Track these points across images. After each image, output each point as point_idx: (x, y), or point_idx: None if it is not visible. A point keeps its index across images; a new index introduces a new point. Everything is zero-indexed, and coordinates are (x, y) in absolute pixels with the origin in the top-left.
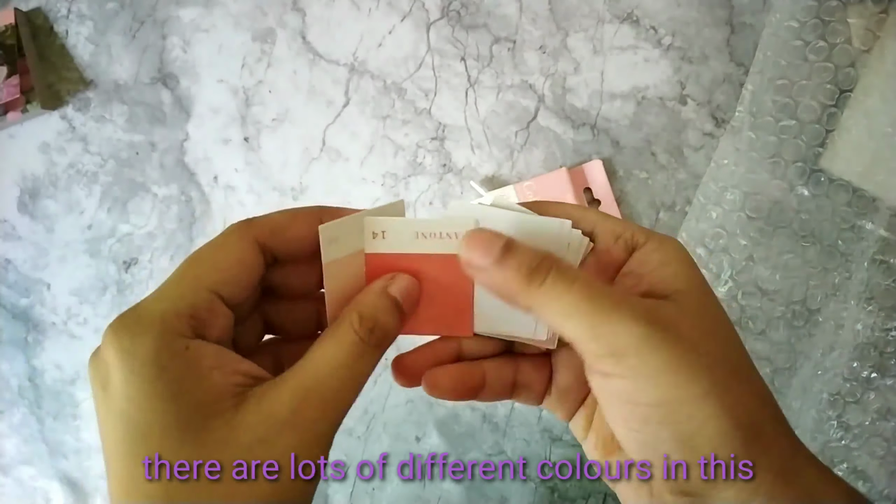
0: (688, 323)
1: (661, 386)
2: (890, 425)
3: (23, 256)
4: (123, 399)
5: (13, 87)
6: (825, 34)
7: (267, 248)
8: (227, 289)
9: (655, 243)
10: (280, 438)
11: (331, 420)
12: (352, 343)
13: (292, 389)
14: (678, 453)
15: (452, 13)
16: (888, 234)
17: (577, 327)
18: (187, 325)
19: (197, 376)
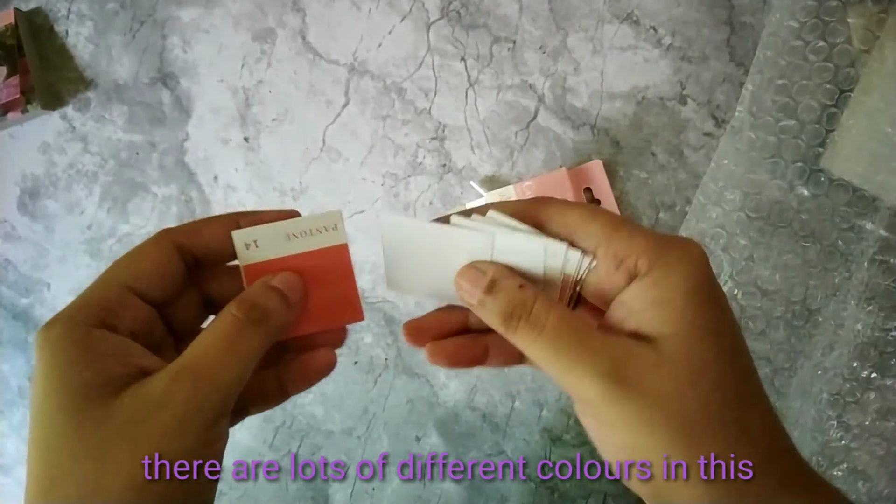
0: (662, 373)
1: (619, 435)
2: (890, 425)
3: (23, 256)
4: (33, 384)
5: (13, 87)
6: (825, 34)
7: (185, 250)
8: (141, 283)
9: (657, 274)
10: (152, 415)
11: (206, 396)
12: (227, 323)
13: (167, 372)
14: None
15: (452, 13)
16: (888, 234)
17: (547, 372)
18: (96, 316)
19: (89, 361)
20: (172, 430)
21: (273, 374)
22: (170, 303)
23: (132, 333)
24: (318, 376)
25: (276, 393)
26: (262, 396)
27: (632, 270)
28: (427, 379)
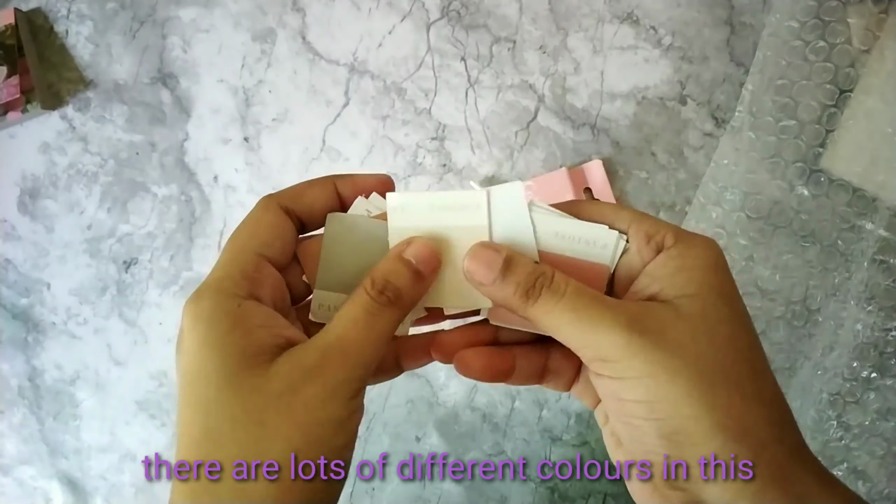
0: (680, 326)
1: (643, 387)
2: (890, 425)
3: (23, 256)
4: (186, 354)
5: (13, 87)
6: (825, 34)
7: (291, 213)
8: (269, 249)
9: (682, 247)
10: (305, 386)
11: (351, 369)
12: (364, 303)
13: (316, 346)
14: (661, 448)
15: (452, 13)
16: (888, 234)
17: (567, 338)
18: (241, 286)
19: (243, 331)
20: (323, 400)
21: (392, 347)
22: (288, 267)
23: (273, 302)
24: (430, 356)
25: (393, 367)
26: (380, 369)
27: (660, 244)
28: (427, 379)
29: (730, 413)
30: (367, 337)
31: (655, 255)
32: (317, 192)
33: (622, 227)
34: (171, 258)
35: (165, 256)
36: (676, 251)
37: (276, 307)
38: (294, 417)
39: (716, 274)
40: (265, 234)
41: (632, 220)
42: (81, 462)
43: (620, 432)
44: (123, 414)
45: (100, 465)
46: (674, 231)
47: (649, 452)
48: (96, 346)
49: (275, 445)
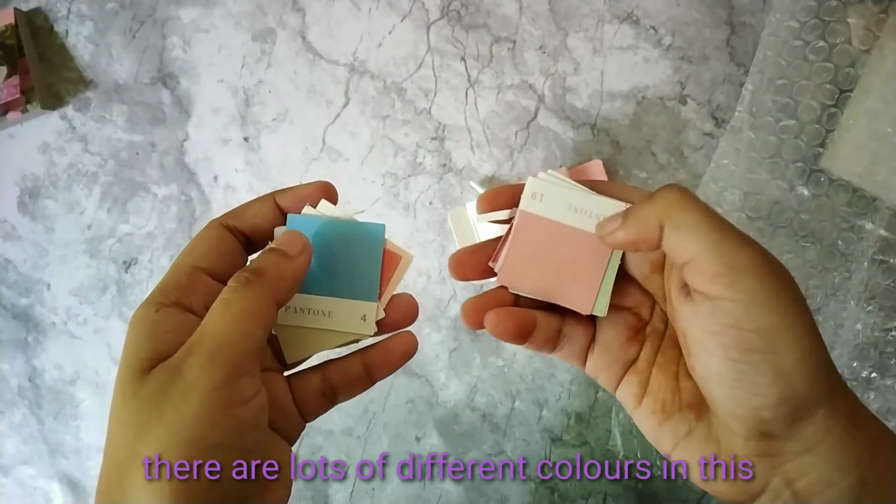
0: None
1: (769, 312)
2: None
3: (23, 256)
4: None
5: (13, 87)
6: (825, 34)
7: (234, 230)
8: (205, 261)
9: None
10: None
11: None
12: (224, 291)
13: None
14: (773, 388)
15: (452, 13)
16: (888, 234)
17: (701, 241)
18: (169, 294)
19: (149, 336)
20: (185, 395)
21: (359, 359)
22: None
23: (206, 310)
24: (401, 360)
25: (363, 378)
26: (349, 382)
27: None
28: (427, 379)
29: (824, 353)
30: (223, 322)
31: None
32: (257, 208)
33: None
34: (171, 258)
35: (165, 256)
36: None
37: None
38: (160, 417)
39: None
40: (202, 248)
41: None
42: (81, 462)
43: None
44: None
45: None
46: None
47: (757, 394)
48: (96, 346)
49: (146, 447)
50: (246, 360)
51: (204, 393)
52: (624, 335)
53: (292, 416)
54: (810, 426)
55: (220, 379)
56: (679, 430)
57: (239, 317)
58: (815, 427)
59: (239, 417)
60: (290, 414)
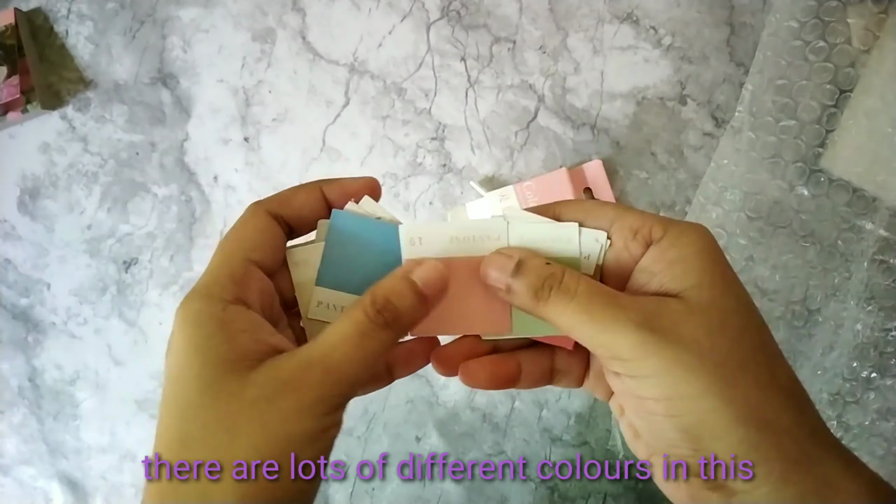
0: (693, 321)
1: (659, 385)
2: (890, 425)
3: (23, 256)
4: (171, 355)
5: (13, 87)
6: (825, 34)
7: (279, 218)
8: (258, 254)
9: (672, 238)
10: (281, 397)
11: (331, 387)
12: (360, 321)
13: (299, 358)
14: (684, 442)
15: (452, 13)
16: (888, 234)
17: (581, 337)
18: (229, 290)
19: (226, 335)
20: (297, 413)
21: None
22: (277, 272)
23: (261, 307)
24: (423, 362)
25: (384, 375)
26: (371, 378)
27: (647, 238)
28: (427, 379)
29: (748, 403)
30: (353, 356)
31: (645, 249)
32: (304, 198)
33: (604, 223)
34: (171, 258)
35: (165, 256)
36: (667, 242)
37: (264, 312)
38: (265, 428)
39: (712, 260)
40: (253, 239)
41: (615, 215)
42: (81, 462)
43: (639, 427)
44: (123, 414)
45: (100, 465)
46: (660, 222)
47: (670, 446)
48: (96, 346)
49: (241, 454)
50: (355, 394)
51: (319, 416)
52: None
53: None
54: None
55: (332, 407)
56: (648, 449)
57: (366, 358)
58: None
59: (331, 438)
60: None
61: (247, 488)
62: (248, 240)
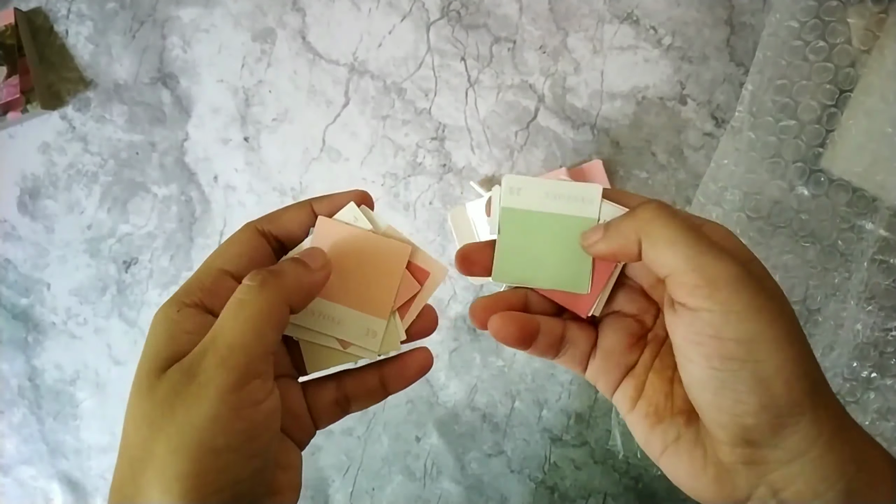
0: (768, 279)
1: (747, 322)
2: (890, 425)
3: (23, 256)
4: None
5: (13, 87)
6: (825, 34)
7: (268, 234)
8: (233, 265)
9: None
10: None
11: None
12: (238, 290)
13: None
14: (754, 395)
15: (452, 13)
16: (888, 234)
17: (678, 255)
18: (192, 295)
19: (168, 336)
20: (197, 397)
21: (375, 372)
22: None
23: None
24: (416, 375)
25: (378, 391)
26: (365, 393)
27: None
28: (427, 379)
29: (809, 362)
30: (236, 324)
31: None
32: (293, 214)
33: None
34: (171, 258)
35: (165, 256)
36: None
37: None
38: (173, 417)
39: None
40: (232, 252)
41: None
42: (81, 462)
43: (705, 381)
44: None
45: (100, 465)
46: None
47: (737, 401)
48: (96, 346)
49: (159, 446)
50: (258, 363)
51: (215, 395)
52: (626, 341)
53: (304, 422)
54: (794, 435)
55: (231, 381)
56: (668, 435)
57: (252, 318)
58: (799, 436)
59: (249, 420)
60: (303, 420)
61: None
62: (227, 253)
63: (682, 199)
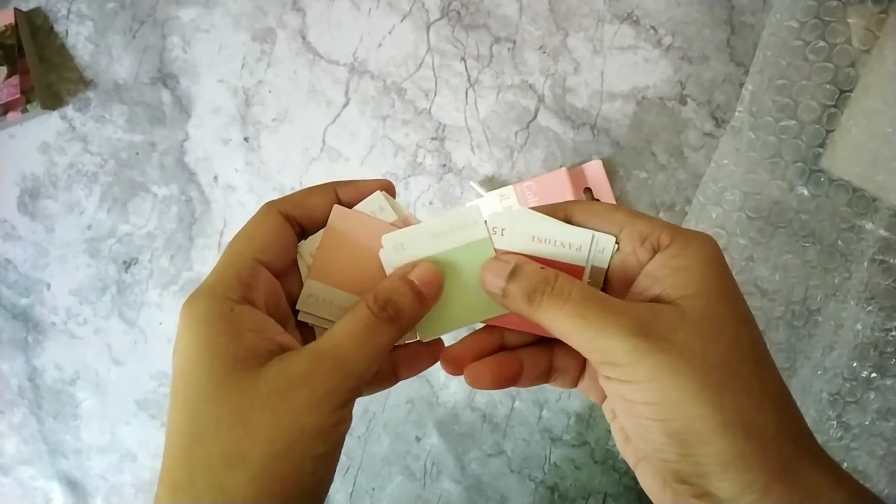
0: (686, 327)
1: (650, 390)
2: (890, 425)
3: (23, 256)
4: (179, 353)
5: (13, 87)
6: (825, 34)
7: (292, 219)
8: (266, 254)
9: (679, 246)
10: (293, 391)
11: (341, 380)
12: (365, 317)
13: (309, 353)
14: (671, 447)
15: (452, 13)
16: (888, 234)
17: (574, 341)
18: (235, 290)
19: (234, 334)
20: (311, 406)
21: (389, 356)
22: (287, 273)
23: (267, 307)
24: (428, 363)
25: (389, 376)
26: (376, 379)
27: (655, 245)
28: (427, 379)
29: (737, 411)
30: (361, 350)
31: (652, 256)
32: (318, 199)
33: (614, 228)
34: (171, 258)
35: (165, 256)
36: (674, 250)
37: (271, 312)
38: (278, 421)
39: (715, 271)
40: (263, 239)
41: (625, 221)
42: (81, 462)
43: (629, 431)
44: (123, 414)
45: (100, 465)
46: (669, 230)
47: (658, 450)
48: (96, 346)
49: (257, 446)
50: (363, 388)
51: (331, 409)
52: None
53: None
54: (723, 482)
55: (345, 400)
56: (638, 453)
57: (374, 350)
58: (730, 483)
59: (342, 433)
60: None
61: (262, 481)
62: (257, 240)
63: (682, 199)
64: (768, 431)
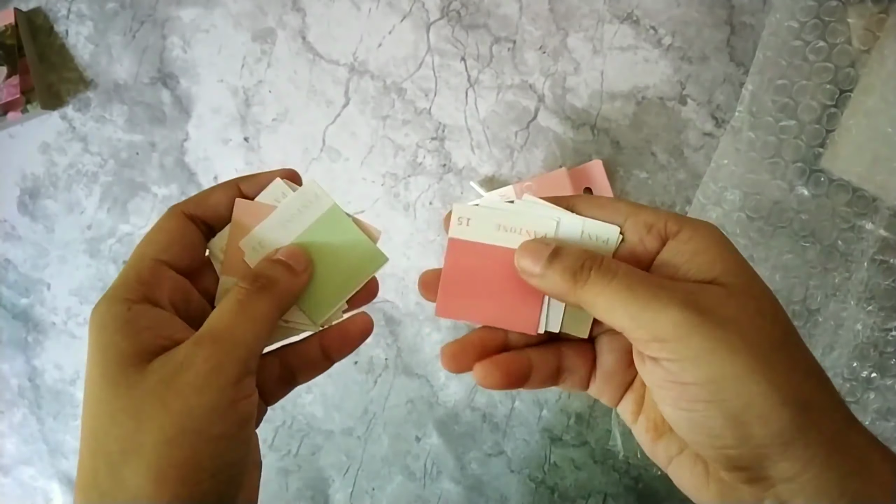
0: (731, 304)
1: (703, 366)
2: (890, 425)
3: (23, 256)
4: (86, 358)
5: (13, 87)
6: (825, 34)
7: (196, 218)
8: (167, 254)
9: (689, 231)
10: (178, 377)
11: (223, 355)
12: (237, 292)
13: (191, 339)
14: (729, 430)
15: (452, 13)
16: (888, 234)
17: (621, 318)
18: (135, 291)
19: (128, 333)
20: (197, 388)
21: (316, 342)
22: (199, 272)
23: (173, 305)
24: (357, 340)
25: (321, 360)
26: (307, 364)
27: (662, 233)
28: (427, 379)
29: (791, 386)
30: (238, 322)
31: (661, 244)
32: (220, 196)
33: (618, 218)
34: None
35: None
36: (685, 235)
37: (179, 310)
38: (167, 408)
39: (733, 253)
40: (164, 240)
41: (629, 211)
42: None
43: (675, 420)
44: None
45: None
46: (674, 217)
47: (713, 437)
48: None
49: (149, 437)
50: (253, 361)
51: (218, 387)
52: (625, 360)
53: None
54: (783, 461)
55: (233, 375)
56: (670, 450)
57: (254, 319)
58: (789, 463)
59: (242, 411)
60: None
61: (158, 469)
62: (158, 242)
63: (682, 199)
64: (818, 404)
